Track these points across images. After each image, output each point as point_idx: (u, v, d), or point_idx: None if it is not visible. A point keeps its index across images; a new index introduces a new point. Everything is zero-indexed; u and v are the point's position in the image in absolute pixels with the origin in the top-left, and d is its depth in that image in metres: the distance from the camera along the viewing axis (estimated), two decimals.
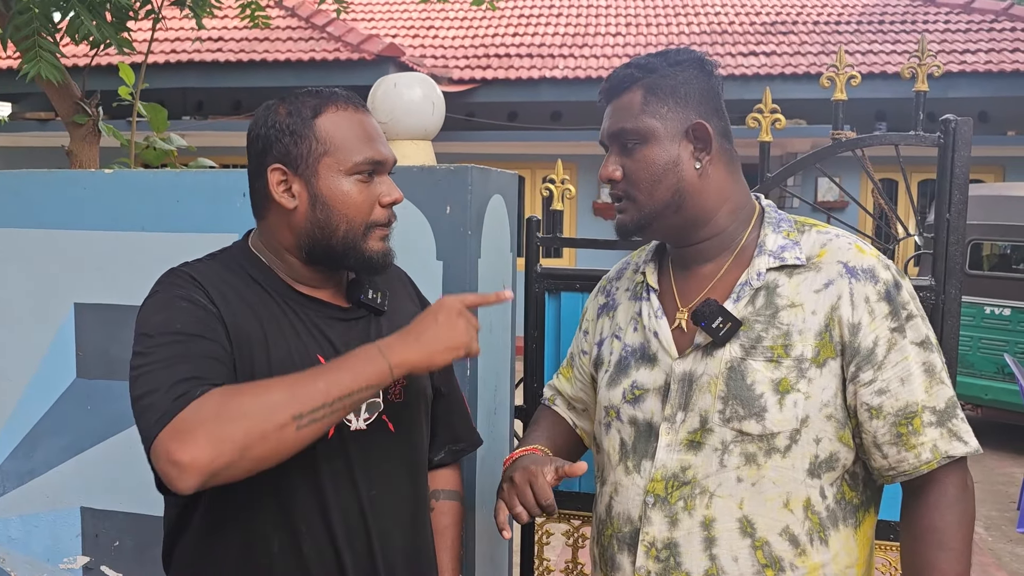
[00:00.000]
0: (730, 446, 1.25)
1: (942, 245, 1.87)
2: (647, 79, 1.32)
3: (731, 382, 1.25)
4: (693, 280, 1.35)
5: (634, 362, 1.37)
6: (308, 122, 1.27)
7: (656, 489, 1.29)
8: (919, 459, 1.23)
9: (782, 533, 1.25)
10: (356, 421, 1.30)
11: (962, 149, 1.84)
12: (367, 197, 1.28)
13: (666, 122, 1.30)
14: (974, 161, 7.50)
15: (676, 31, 11.30)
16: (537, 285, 2.14)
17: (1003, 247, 6.89)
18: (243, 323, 1.25)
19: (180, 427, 1.07)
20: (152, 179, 1.98)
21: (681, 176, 1.30)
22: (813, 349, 1.24)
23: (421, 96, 1.85)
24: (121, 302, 1.97)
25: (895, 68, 9.59)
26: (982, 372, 6.56)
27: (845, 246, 1.29)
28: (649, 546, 1.30)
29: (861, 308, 1.24)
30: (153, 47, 9.84)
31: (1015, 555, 4.61)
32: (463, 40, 11.40)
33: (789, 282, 1.28)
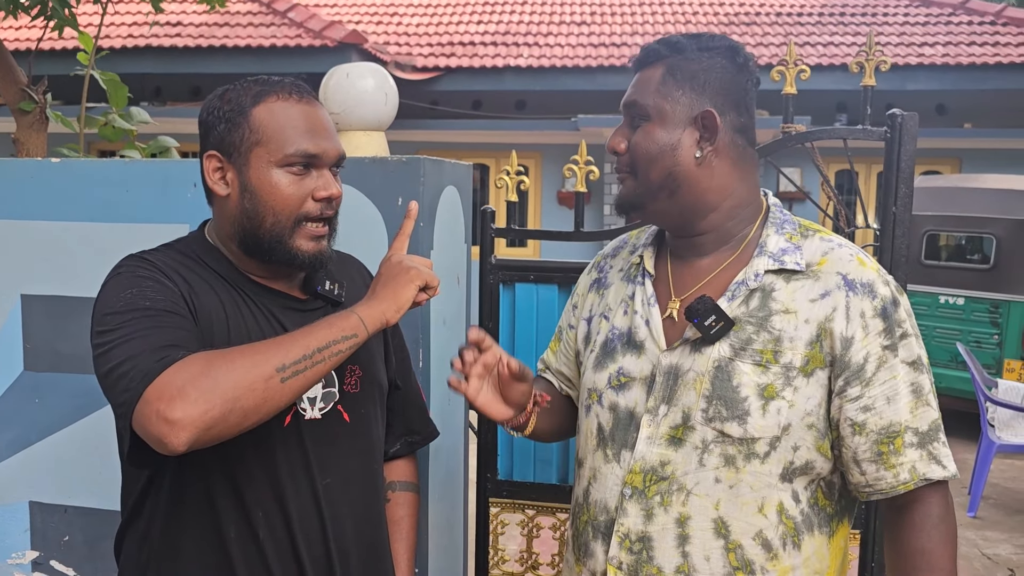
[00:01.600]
0: (710, 446, 1.25)
1: (888, 237, 1.90)
2: (672, 59, 1.30)
3: (717, 382, 1.25)
4: (690, 272, 1.34)
5: (620, 347, 1.36)
6: (245, 110, 1.26)
7: (634, 481, 1.29)
8: (897, 479, 1.24)
9: (755, 537, 1.26)
10: (311, 410, 1.31)
11: (908, 143, 1.87)
12: (298, 190, 1.26)
13: (676, 105, 1.28)
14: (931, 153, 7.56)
15: (640, 20, 11.32)
16: (492, 276, 2.14)
17: (958, 238, 7.02)
18: (207, 305, 1.26)
19: (167, 384, 1.06)
20: (101, 168, 1.95)
21: (677, 161, 1.28)
22: (802, 358, 1.23)
23: (374, 86, 1.84)
24: (70, 293, 1.94)
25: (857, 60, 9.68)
26: (937, 360, 6.69)
27: (847, 257, 1.28)
28: (623, 537, 1.30)
29: (856, 323, 1.23)
30: (110, 31, 9.67)
31: (965, 539, 4.72)
32: (427, 28, 11.32)
33: (786, 287, 1.26)
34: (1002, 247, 6.43)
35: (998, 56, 9.69)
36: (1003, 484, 5.65)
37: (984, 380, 5.35)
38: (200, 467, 1.25)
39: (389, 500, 1.52)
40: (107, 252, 1.90)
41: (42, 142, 2.46)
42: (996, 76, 9.67)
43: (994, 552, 4.55)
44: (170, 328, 1.16)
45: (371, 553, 1.40)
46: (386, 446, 1.51)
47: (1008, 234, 6.38)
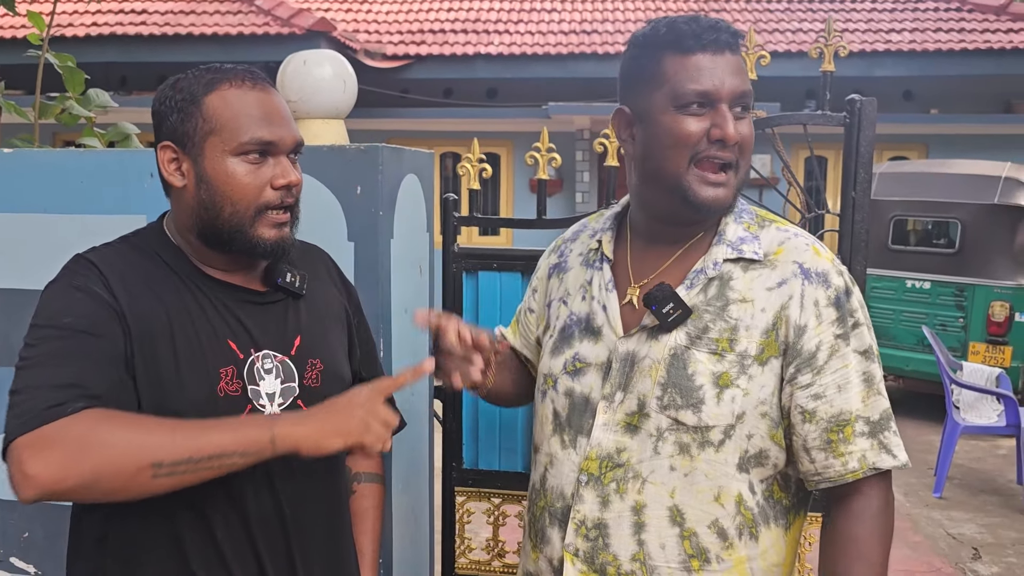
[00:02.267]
0: (665, 433, 1.25)
1: (848, 222, 1.92)
2: (736, 46, 1.27)
3: (672, 369, 1.24)
4: (650, 258, 1.33)
5: (578, 332, 1.35)
6: (197, 99, 1.24)
7: (590, 468, 1.29)
8: (845, 467, 1.23)
9: (711, 526, 1.25)
10: (270, 406, 1.28)
11: (867, 128, 1.88)
12: (255, 179, 1.24)
13: None
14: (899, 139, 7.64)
15: (611, 7, 11.32)
16: (455, 264, 2.13)
17: (924, 223, 7.11)
18: (146, 311, 1.22)
19: (40, 439, 1.06)
20: (55, 159, 1.91)
21: None
22: (758, 347, 1.24)
23: (331, 74, 1.82)
24: (23, 286, 1.91)
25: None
26: (903, 344, 6.78)
27: (802, 246, 1.28)
28: (579, 524, 1.30)
29: (809, 311, 1.23)
30: (73, 19, 9.51)
31: (931, 519, 4.79)
32: (397, 15, 11.24)
33: (743, 276, 1.27)
34: (967, 232, 6.51)
35: (964, 42, 9.79)
36: (968, 465, 5.74)
37: (949, 363, 5.43)
38: None
39: (354, 492, 1.50)
40: (62, 244, 1.87)
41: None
42: (962, 62, 9.78)
43: (959, 532, 4.63)
44: (80, 357, 1.14)
45: (334, 549, 1.38)
46: None
47: (973, 219, 6.47)
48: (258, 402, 1.27)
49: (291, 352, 1.32)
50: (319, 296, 1.40)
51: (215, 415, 1.22)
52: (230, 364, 1.26)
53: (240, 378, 1.26)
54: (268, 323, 1.31)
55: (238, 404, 1.26)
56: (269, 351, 1.29)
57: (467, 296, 2.15)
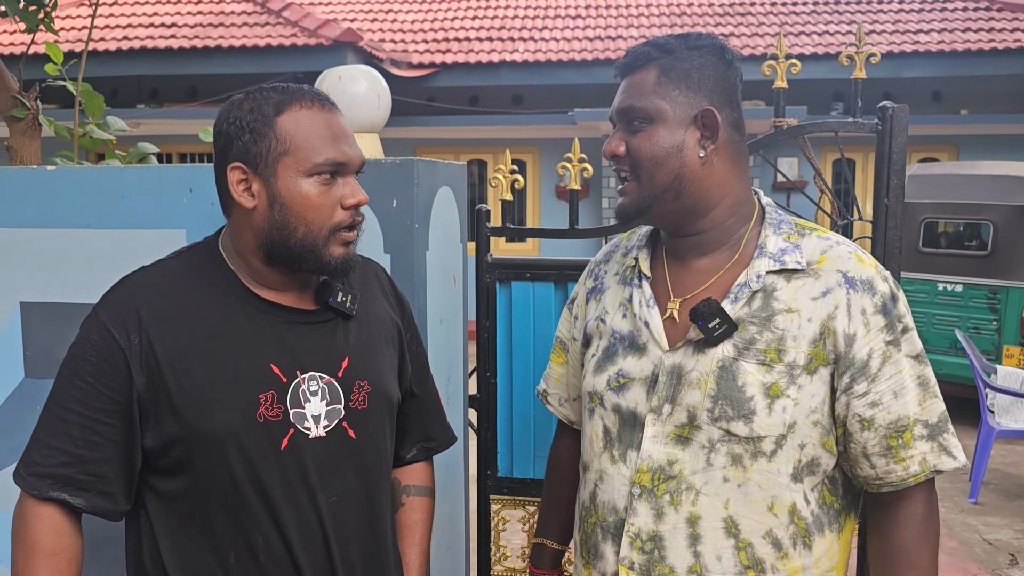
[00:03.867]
0: (717, 445, 1.25)
1: (881, 229, 1.91)
2: (663, 60, 1.29)
3: (722, 381, 1.25)
4: (688, 272, 1.34)
5: (621, 350, 1.36)
6: (269, 120, 1.24)
7: (643, 480, 1.29)
8: (907, 471, 1.25)
9: (765, 536, 1.26)
10: (316, 429, 1.29)
11: (899, 135, 1.87)
12: (327, 199, 1.25)
13: (675, 105, 1.28)
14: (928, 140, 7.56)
15: (635, 13, 11.32)
16: (488, 275, 2.15)
17: (955, 225, 7.03)
18: (180, 340, 1.25)
19: (19, 505, 1.27)
20: (96, 175, 1.95)
21: (683, 162, 1.28)
22: (806, 356, 1.24)
23: (366, 89, 1.85)
24: (67, 300, 1.95)
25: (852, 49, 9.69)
26: (936, 348, 6.71)
27: (845, 255, 1.28)
28: (634, 537, 1.29)
29: (857, 320, 1.24)
30: (104, 34, 9.67)
31: (966, 524, 4.74)
32: (422, 24, 11.32)
33: (787, 287, 1.27)
34: (1000, 233, 6.43)
35: (993, 42, 9.69)
36: (1003, 470, 5.66)
37: (983, 366, 5.37)
38: (198, 493, 1.26)
39: (403, 504, 1.51)
40: (103, 259, 1.92)
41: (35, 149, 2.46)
42: (991, 62, 9.67)
43: (995, 537, 4.57)
44: (69, 438, 1.24)
45: (376, 562, 1.39)
46: (402, 452, 1.50)
47: (1005, 220, 6.39)
48: (303, 425, 1.28)
49: (338, 374, 1.32)
50: (371, 315, 1.40)
51: (253, 439, 1.25)
52: (271, 389, 1.26)
53: (282, 402, 1.27)
54: (316, 344, 1.31)
55: (279, 429, 1.27)
56: (315, 372, 1.30)
57: (500, 306, 2.17)
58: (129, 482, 1.28)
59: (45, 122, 2.52)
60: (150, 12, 10.38)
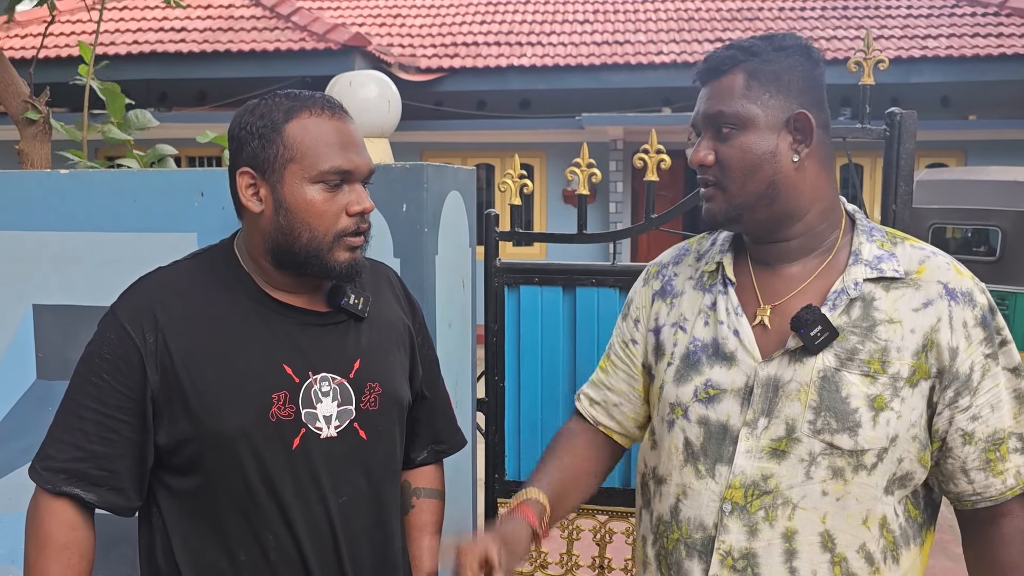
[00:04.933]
0: (818, 458, 1.22)
1: None
2: (750, 62, 1.24)
3: (824, 392, 1.21)
4: (778, 279, 1.30)
5: (706, 359, 1.31)
6: (278, 126, 1.26)
7: (734, 497, 1.25)
8: (1005, 484, 1.24)
9: (859, 550, 1.24)
10: (327, 429, 1.30)
11: (907, 141, 1.88)
12: (332, 206, 1.26)
13: (767, 109, 1.23)
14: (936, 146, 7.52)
15: (644, 18, 11.33)
16: (496, 279, 2.16)
17: (964, 231, 7.02)
18: (194, 340, 1.27)
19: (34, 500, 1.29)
20: (108, 178, 1.97)
21: (778, 168, 1.23)
22: (909, 368, 1.22)
23: (377, 94, 1.86)
24: (80, 303, 1.97)
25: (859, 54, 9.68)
26: None
27: (944, 265, 1.26)
28: (725, 555, 1.25)
29: (959, 332, 1.22)
30: (115, 38, 9.72)
31: None
32: (430, 28, 11.35)
33: (886, 296, 1.24)
34: (1008, 239, 6.42)
35: (1002, 47, 9.67)
36: None
37: None
38: (209, 492, 1.28)
39: (413, 507, 1.52)
40: (116, 262, 1.94)
41: (46, 152, 2.48)
42: (1000, 67, 9.65)
43: None
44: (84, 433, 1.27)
45: (384, 562, 1.40)
46: (412, 454, 1.51)
47: (1014, 226, 6.38)
48: (314, 425, 1.30)
49: (350, 375, 1.33)
50: (382, 317, 1.41)
51: (265, 438, 1.27)
52: (283, 389, 1.28)
53: (294, 402, 1.28)
54: (328, 345, 1.33)
55: (291, 428, 1.28)
56: (327, 374, 1.31)
57: (509, 310, 2.18)
58: (141, 479, 1.29)
59: (56, 126, 2.54)
60: (160, 16, 10.43)
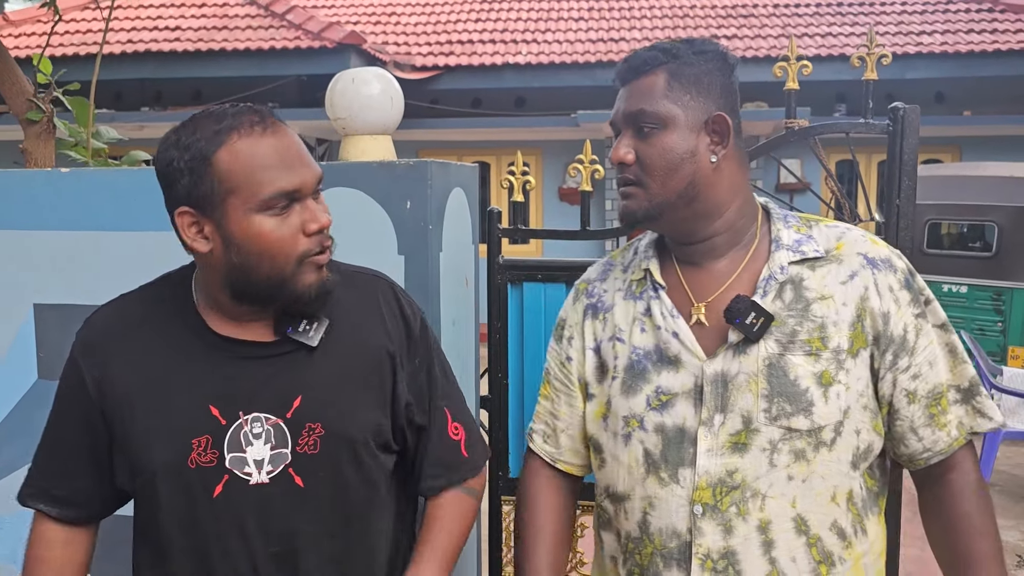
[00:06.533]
0: (779, 444, 1.23)
1: (892, 230, 1.92)
2: (671, 64, 1.27)
3: (773, 379, 1.24)
4: (706, 276, 1.32)
5: (651, 366, 1.31)
6: (207, 157, 1.13)
7: (703, 498, 1.25)
8: (950, 436, 1.28)
9: (832, 527, 1.26)
10: (258, 474, 1.21)
11: (910, 136, 1.88)
12: (286, 231, 1.15)
13: (687, 110, 1.26)
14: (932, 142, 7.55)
15: (639, 15, 11.32)
16: (499, 276, 2.15)
17: (960, 226, 7.04)
18: (133, 375, 1.25)
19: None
20: (108, 178, 1.96)
21: (697, 168, 1.26)
22: (848, 340, 1.25)
23: (379, 91, 1.85)
24: (82, 302, 1.96)
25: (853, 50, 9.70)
26: None
27: (860, 238, 1.32)
28: (704, 558, 1.25)
29: (888, 297, 1.26)
30: (109, 37, 9.68)
31: None
32: (425, 26, 11.33)
33: (813, 275, 1.28)
34: (1004, 234, 6.44)
35: (996, 43, 9.69)
36: (1009, 471, 5.66)
37: (989, 368, 5.37)
38: (144, 526, 1.29)
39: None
40: (118, 261, 1.93)
41: (50, 151, 2.47)
42: (994, 63, 9.67)
43: (1003, 539, 4.56)
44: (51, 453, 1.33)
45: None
46: (421, 487, 1.38)
47: (1010, 221, 6.39)
48: (243, 470, 1.21)
49: (287, 414, 1.22)
50: (349, 342, 1.28)
51: (185, 484, 1.21)
52: (206, 433, 1.20)
53: (218, 447, 1.21)
54: (266, 381, 1.23)
55: (213, 475, 1.21)
56: (260, 413, 1.21)
57: (512, 307, 2.17)
58: (104, 497, 1.33)
59: (60, 124, 2.53)
60: (154, 15, 10.40)
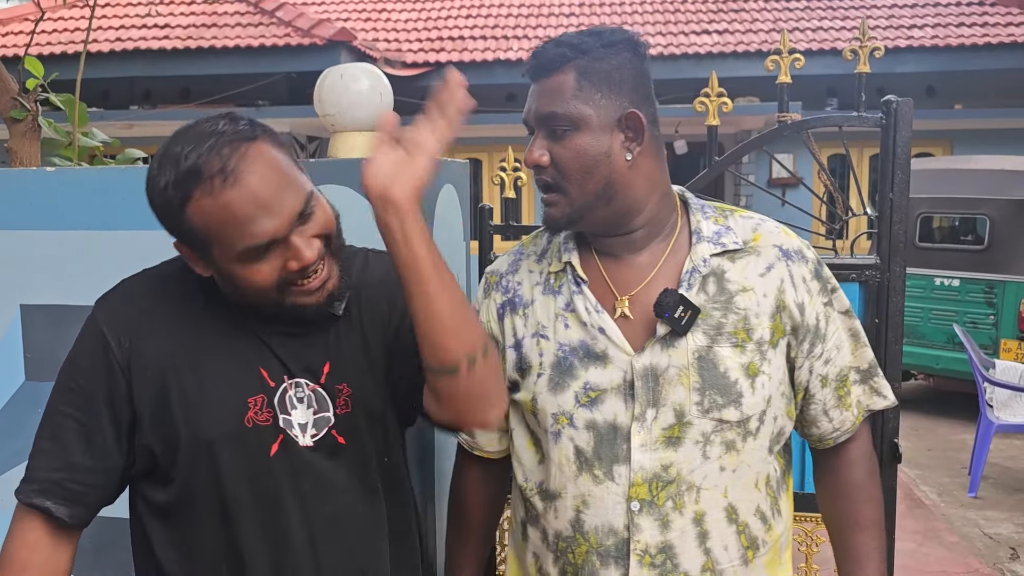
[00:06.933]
0: (711, 436, 1.24)
1: (886, 224, 1.91)
2: (580, 60, 1.24)
3: (704, 372, 1.23)
4: (628, 269, 1.30)
5: (578, 362, 1.28)
6: (180, 218, 1.14)
7: (640, 494, 1.24)
8: (853, 414, 1.35)
9: (755, 513, 1.28)
10: (303, 437, 1.25)
11: (903, 130, 1.87)
12: (269, 271, 1.16)
13: (599, 110, 1.23)
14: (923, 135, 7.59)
15: (629, 10, 11.31)
16: None
17: (951, 220, 7.04)
18: (170, 346, 1.23)
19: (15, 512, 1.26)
20: (96, 176, 1.94)
21: (613, 168, 1.24)
22: (769, 331, 1.26)
23: (368, 87, 1.83)
24: (69, 302, 1.94)
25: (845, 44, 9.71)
26: (933, 342, 6.72)
27: (775, 229, 1.33)
28: (642, 554, 1.25)
29: (801, 288, 1.29)
30: (97, 35, 9.63)
31: (966, 519, 4.74)
32: (416, 23, 11.31)
33: (734, 267, 1.28)
34: (996, 228, 6.45)
35: (987, 36, 9.72)
36: (1003, 464, 5.68)
37: (982, 361, 5.37)
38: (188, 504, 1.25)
39: None
40: (105, 260, 1.90)
41: (35, 150, 2.45)
42: (985, 56, 9.70)
43: (996, 531, 4.58)
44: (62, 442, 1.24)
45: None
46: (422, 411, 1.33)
47: (1002, 214, 6.40)
48: (291, 432, 1.24)
49: (321, 380, 1.27)
50: (362, 313, 1.32)
51: (243, 444, 1.22)
52: (260, 392, 1.23)
53: (271, 407, 1.23)
54: (300, 350, 1.27)
55: (269, 434, 1.23)
56: (301, 379, 1.26)
57: None
58: (110, 491, 1.28)
59: (45, 123, 2.50)
60: (142, 13, 10.34)
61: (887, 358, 1.89)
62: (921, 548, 4.32)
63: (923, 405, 7.03)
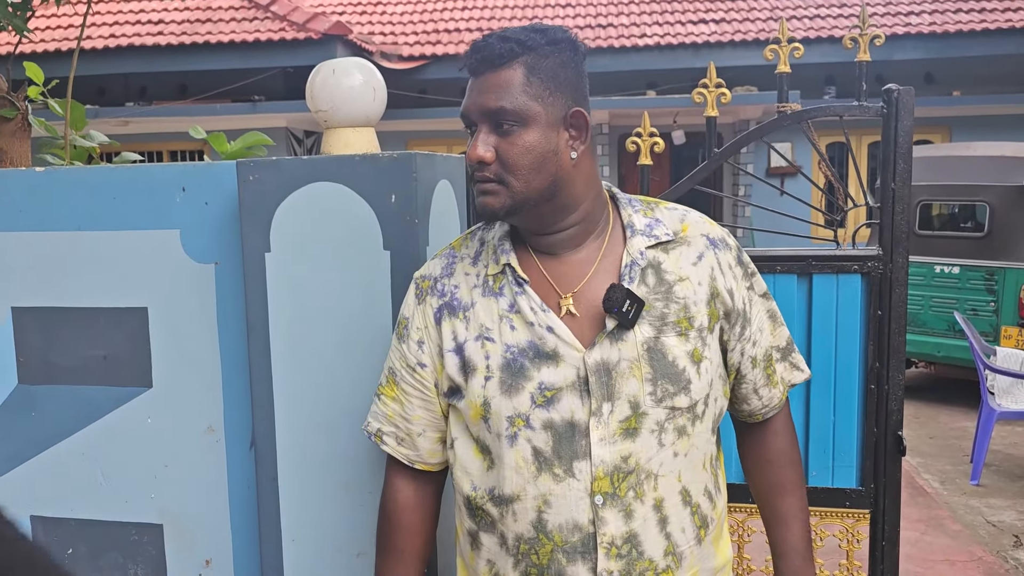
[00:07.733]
0: (665, 424, 1.26)
1: (888, 214, 1.88)
2: (528, 56, 1.23)
3: (655, 363, 1.26)
4: (567, 266, 1.31)
5: (529, 362, 1.28)
6: None
7: (602, 488, 1.25)
8: (779, 390, 1.42)
9: (704, 492, 1.33)
10: None
11: (905, 118, 1.84)
12: None
13: (547, 107, 1.23)
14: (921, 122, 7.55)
15: (627, 0, 11.26)
16: None
17: (951, 207, 7.01)
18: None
19: None
20: (86, 176, 1.91)
21: (559, 165, 1.25)
22: (707, 318, 1.30)
23: (361, 82, 1.80)
24: (60, 304, 1.91)
25: (842, 32, 9.68)
26: (934, 330, 6.70)
27: (699, 219, 1.37)
28: (609, 546, 1.26)
29: (729, 275, 1.33)
30: (91, 32, 9.58)
31: (969, 507, 4.73)
32: (412, 16, 11.25)
33: (668, 258, 1.31)
34: (996, 214, 6.42)
35: (984, 22, 9.67)
36: (1005, 451, 5.67)
37: (983, 348, 5.35)
38: None
39: None
40: (95, 262, 1.88)
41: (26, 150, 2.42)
42: (983, 42, 9.66)
43: (999, 519, 4.57)
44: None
45: None
46: None
47: (1001, 201, 6.37)
48: None
49: None
50: None
51: None
52: None
53: None
54: None
55: None
56: None
57: None
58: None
59: (35, 122, 2.47)
60: (137, 9, 10.29)
61: (890, 350, 1.87)
62: (924, 537, 4.31)
63: (924, 393, 7.02)
